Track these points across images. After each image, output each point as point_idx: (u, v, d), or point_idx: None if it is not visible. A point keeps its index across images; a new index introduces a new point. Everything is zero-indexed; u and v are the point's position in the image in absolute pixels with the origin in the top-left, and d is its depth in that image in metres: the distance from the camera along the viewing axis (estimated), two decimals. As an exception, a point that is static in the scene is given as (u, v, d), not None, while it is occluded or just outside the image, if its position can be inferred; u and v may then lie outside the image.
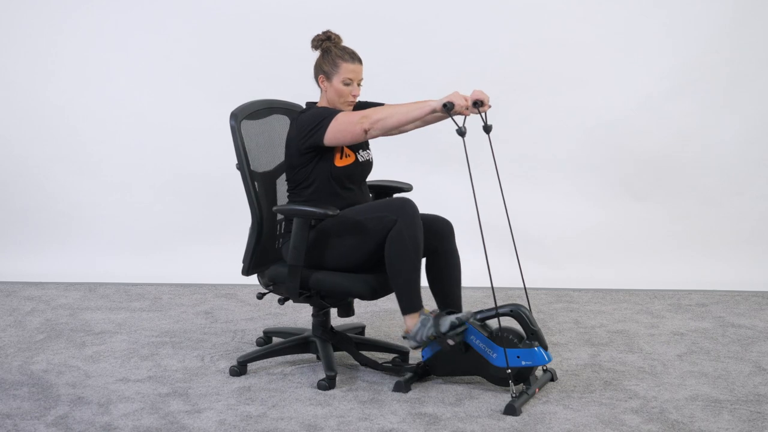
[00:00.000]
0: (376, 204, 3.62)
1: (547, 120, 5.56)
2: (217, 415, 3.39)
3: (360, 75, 3.68)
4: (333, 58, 3.66)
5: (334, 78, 3.66)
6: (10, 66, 5.62)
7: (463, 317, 3.50)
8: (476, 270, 4.15)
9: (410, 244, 3.48)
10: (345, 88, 3.66)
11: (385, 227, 3.51)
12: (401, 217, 3.49)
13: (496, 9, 5.47)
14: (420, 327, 3.52)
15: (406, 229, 3.48)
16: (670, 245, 5.52)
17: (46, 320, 4.62)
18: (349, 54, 3.67)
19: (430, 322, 3.50)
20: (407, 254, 3.49)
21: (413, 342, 3.55)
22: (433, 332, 3.49)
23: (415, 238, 3.49)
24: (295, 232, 3.58)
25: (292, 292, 3.66)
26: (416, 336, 3.53)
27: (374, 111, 3.53)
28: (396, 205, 3.53)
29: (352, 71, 3.65)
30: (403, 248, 3.48)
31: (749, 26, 5.43)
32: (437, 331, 3.49)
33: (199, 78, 5.57)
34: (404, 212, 3.50)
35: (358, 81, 3.68)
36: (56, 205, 5.68)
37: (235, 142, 3.69)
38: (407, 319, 3.56)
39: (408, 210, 3.51)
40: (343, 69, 3.65)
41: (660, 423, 3.32)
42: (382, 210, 3.54)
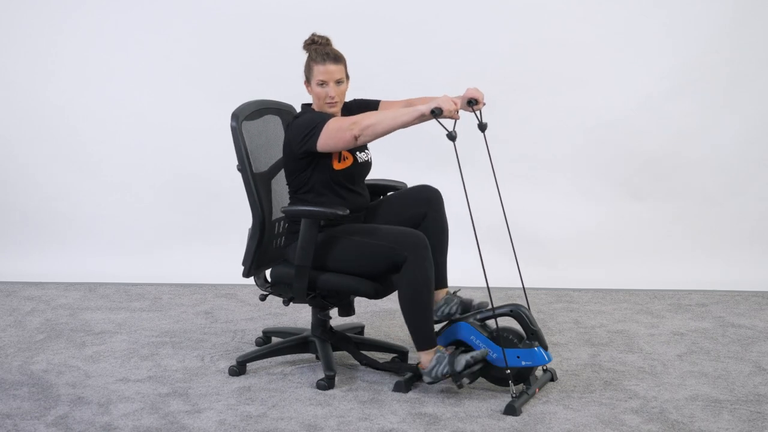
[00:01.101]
0: (389, 232, 3.57)
1: (547, 120, 5.55)
2: (217, 415, 3.39)
3: (335, 75, 3.63)
4: (308, 61, 3.67)
5: (312, 81, 3.65)
6: (10, 66, 5.62)
7: (478, 356, 3.49)
8: (474, 270, 4.15)
9: (422, 284, 3.49)
10: (321, 89, 3.64)
11: (394, 260, 3.51)
12: (412, 255, 3.48)
13: (496, 9, 5.47)
14: (435, 364, 3.53)
15: (418, 269, 3.48)
16: (670, 245, 5.52)
17: (46, 320, 4.62)
18: (322, 55, 3.63)
19: (446, 360, 3.51)
20: (419, 294, 3.50)
21: (428, 378, 3.56)
22: (448, 371, 3.50)
23: (427, 277, 3.50)
24: (303, 232, 3.57)
25: (300, 293, 3.65)
26: (431, 373, 3.54)
27: (364, 117, 3.52)
28: (409, 242, 3.50)
29: (323, 72, 3.62)
30: (415, 290, 3.49)
31: (749, 26, 5.43)
32: (452, 369, 3.50)
33: (199, 78, 5.57)
34: (416, 251, 3.49)
35: (334, 81, 3.63)
36: (56, 205, 5.68)
37: (237, 143, 3.68)
38: (422, 355, 3.57)
39: (420, 250, 3.49)
40: (315, 71, 3.63)
41: (660, 423, 3.32)
42: (395, 242, 3.51)
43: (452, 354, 3.52)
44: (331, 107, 3.67)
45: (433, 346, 3.55)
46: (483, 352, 3.50)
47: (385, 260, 3.52)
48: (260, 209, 3.72)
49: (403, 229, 3.57)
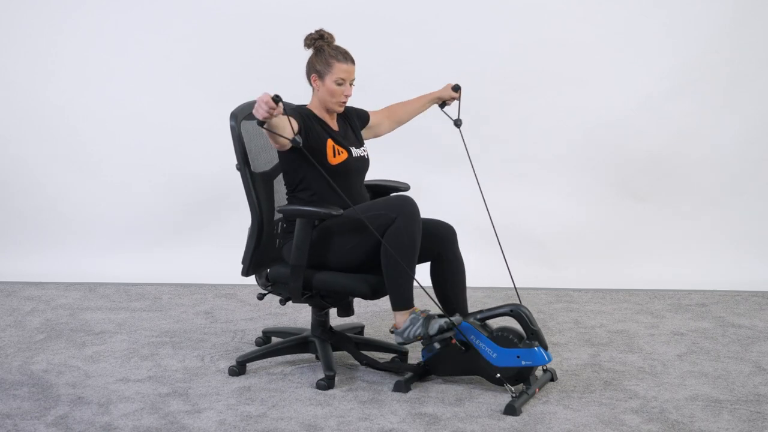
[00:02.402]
0: (376, 202, 3.62)
1: (547, 120, 5.56)
2: (217, 415, 3.39)
3: (353, 75, 3.69)
4: (326, 57, 3.66)
5: (327, 78, 3.66)
6: (10, 66, 5.62)
7: (454, 321, 3.51)
8: (474, 270, 4.15)
9: (407, 240, 3.48)
10: (338, 88, 3.66)
11: (384, 224, 3.50)
12: (400, 214, 3.49)
13: (496, 9, 5.47)
14: (409, 325, 3.53)
15: (405, 226, 3.48)
16: (670, 245, 5.52)
17: (46, 320, 4.62)
18: (342, 54, 3.67)
19: (420, 322, 3.52)
20: (403, 250, 3.49)
21: (400, 338, 3.57)
22: (421, 332, 3.51)
23: (413, 235, 3.49)
24: (298, 232, 3.58)
25: (295, 292, 3.65)
26: (404, 333, 3.55)
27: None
28: (396, 203, 3.53)
29: (345, 71, 3.66)
30: (399, 244, 3.48)
31: (749, 26, 5.44)
32: (425, 332, 3.50)
33: (199, 78, 5.57)
34: (404, 210, 3.50)
35: (350, 81, 3.68)
36: (56, 205, 5.68)
37: (235, 142, 3.69)
38: (397, 315, 3.57)
39: (407, 208, 3.51)
40: (336, 69, 3.65)
41: (660, 423, 3.32)
42: (382, 208, 3.54)
43: (427, 317, 3.52)
44: (341, 106, 3.71)
45: (409, 307, 3.55)
46: (457, 319, 3.51)
47: (377, 229, 3.51)
48: (258, 209, 3.72)
49: (391, 196, 3.59)
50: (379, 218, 3.52)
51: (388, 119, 4.01)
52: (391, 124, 4.03)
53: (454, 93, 3.96)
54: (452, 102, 4.00)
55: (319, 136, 3.66)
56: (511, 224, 5.42)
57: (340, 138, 3.73)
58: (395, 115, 4.02)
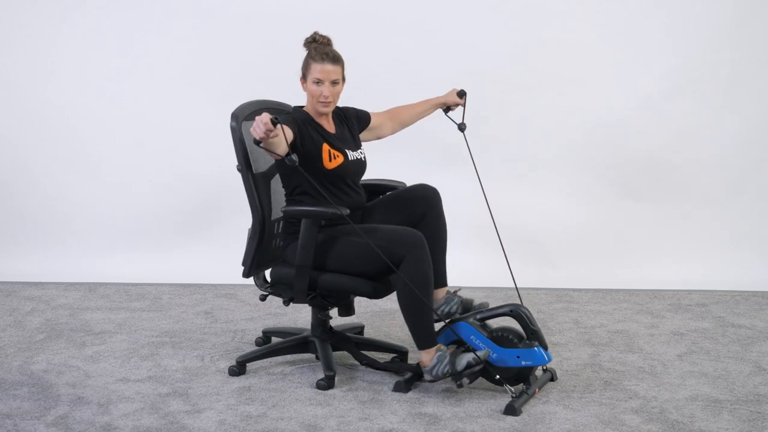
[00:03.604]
0: (386, 231, 3.56)
1: (547, 120, 5.56)
2: (217, 415, 3.39)
3: (331, 75, 3.63)
4: (307, 59, 3.67)
5: (308, 78, 3.66)
6: (10, 66, 5.62)
7: (480, 356, 3.49)
8: (474, 270, 4.15)
9: (420, 282, 3.48)
10: (315, 87, 3.64)
11: (391, 260, 3.49)
12: (409, 254, 3.48)
13: (496, 9, 5.47)
14: (437, 363, 3.53)
15: (415, 267, 3.47)
16: (670, 245, 5.52)
17: (46, 320, 4.62)
18: (321, 54, 3.63)
19: (447, 359, 3.51)
20: (418, 291, 3.48)
21: (429, 377, 3.56)
22: (449, 370, 3.50)
23: (425, 276, 3.49)
24: (303, 232, 3.57)
25: (300, 293, 3.65)
26: (432, 371, 3.54)
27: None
28: (406, 240, 3.50)
29: (320, 71, 3.62)
30: (412, 288, 3.48)
31: (749, 26, 5.44)
32: (453, 369, 3.50)
33: (199, 78, 5.57)
34: (413, 249, 3.48)
35: (330, 81, 3.63)
36: (56, 205, 5.68)
37: (236, 143, 3.68)
38: (423, 354, 3.57)
39: (416, 248, 3.48)
40: (312, 69, 3.63)
41: (660, 423, 3.32)
42: (392, 241, 3.50)
43: (453, 353, 3.52)
44: (324, 107, 3.68)
45: (433, 345, 3.55)
46: (485, 354, 3.49)
47: (382, 260, 3.51)
48: (260, 209, 3.72)
49: (400, 228, 3.56)
50: (387, 252, 3.49)
51: (391, 121, 3.99)
52: (394, 126, 4.01)
53: (458, 99, 3.95)
54: (457, 107, 4.00)
55: (315, 141, 3.65)
56: (511, 224, 5.41)
57: (336, 141, 3.72)
58: (399, 118, 4.01)
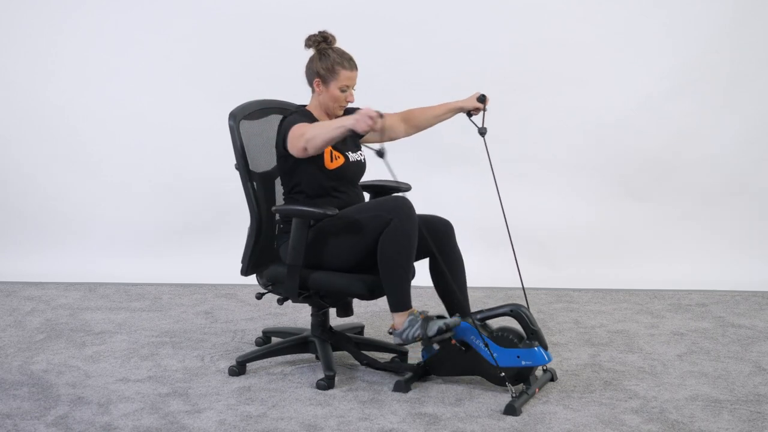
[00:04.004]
0: (372, 203, 3.64)
1: (547, 120, 5.55)
2: (217, 415, 3.39)
3: (355, 81, 3.71)
4: (331, 63, 3.66)
5: (331, 83, 3.66)
6: (10, 66, 5.62)
7: (451, 323, 3.50)
8: (474, 270, 4.15)
9: (404, 241, 3.49)
10: (341, 94, 3.68)
11: (380, 225, 3.51)
12: (396, 215, 3.50)
13: (496, 9, 5.47)
14: (408, 327, 3.53)
15: (401, 227, 3.49)
16: (670, 245, 5.52)
17: (46, 320, 4.62)
18: (348, 60, 3.68)
19: (418, 323, 3.51)
20: (400, 252, 3.49)
21: (398, 339, 3.57)
22: (420, 333, 3.50)
23: (409, 236, 3.50)
24: (294, 232, 3.59)
25: (291, 292, 3.66)
26: (402, 334, 3.54)
27: (309, 129, 3.54)
28: (392, 204, 3.54)
29: (349, 78, 3.67)
30: (396, 245, 3.49)
31: (749, 26, 5.43)
32: (424, 333, 3.50)
33: (199, 78, 5.57)
34: (399, 210, 3.51)
35: (353, 86, 3.71)
36: (56, 205, 5.68)
37: (234, 142, 3.70)
38: (396, 316, 3.58)
39: (403, 208, 3.51)
40: (341, 76, 3.66)
41: (660, 423, 3.32)
42: (378, 209, 3.55)
43: (426, 318, 3.52)
44: (341, 110, 3.73)
45: (407, 308, 3.55)
46: (455, 321, 3.51)
47: (373, 229, 3.52)
48: (257, 208, 3.73)
49: (386, 197, 3.60)
50: (375, 219, 3.53)
51: (405, 123, 3.93)
52: (408, 128, 3.95)
53: (478, 103, 3.87)
54: (478, 112, 3.92)
55: None
56: (511, 224, 5.39)
57: (338, 143, 3.73)
58: (414, 120, 3.94)
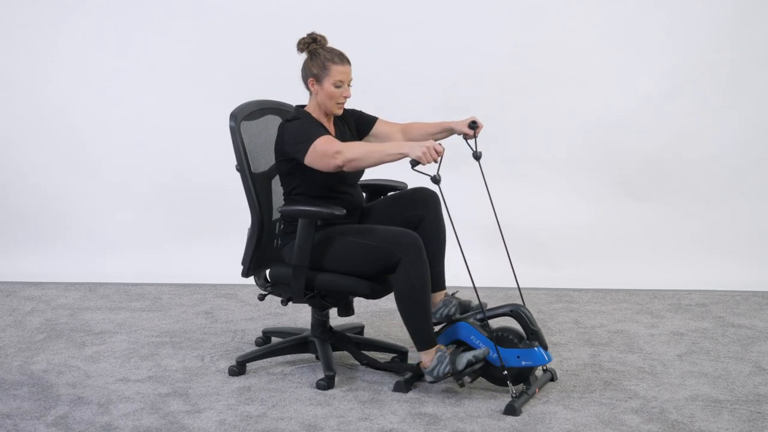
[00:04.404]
0: (383, 232, 3.57)
1: (547, 120, 5.56)
2: (217, 415, 3.39)
3: (350, 76, 3.68)
4: (322, 61, 3.65)
5: (325, 81, 3.66)
6: (10, 66, 5.62)
7: (480, 354, 3.49)
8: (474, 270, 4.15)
9: (417, 284, 3.49)
10: (336, 90, 3.66)
11: (388, 261, 3.51)
12: (406, 256, 3.48)
13: (496, 9, 5.47)
14: (437, 364, 3.53)
15: (412, 269, 3.48)
16: (670, 245, 5.52)
17: (46, 320, 4.62)
18: (338, 56, 3.66)
19: (447, 359, 3.51)
20: (415, 295, 3.49)
21: (430, 377, 3.55)
22: (450, 370, 3.50)
23: (422, 277, 3.49)
24: (300, 232, 3.58)
25: (297, 292, 3.65)
26: (433, 372, 3.54)
27: (350, 148, 3.50)
28: (403, 242, 3.50)
29: (342, 73, 3.65)
30: (410, 290, 3.49)
31: (749, 26, 5.44)
32: (454, 368, 3.49)
33: (199, 78, 5.57)
34: (410, 251, 3.48)
35: (348, 82, 3.69)
36: (56, 205, 5.68)
37: (235, 142, 3.69)
38: (423, 355, 3.57)
39: (413, 250, 3.49)
40: (333, 71, 3.64)
41: (660, 423, 3.32)
42: (389, 242, 3.52)
43: (453, 353, 3.52)
44: (340, 108, 3.71)
45: (433, 345, 3.55)
46: (484, 351, 3.49)
47: (379, 261, 3.53)
48: (258, 209, 3.73)
49: (398, 230, 3.57)
50: (384, 253, 3.51)
51: (402, 134, 3.89)
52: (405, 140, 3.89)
53: (468, 130, 3.78)
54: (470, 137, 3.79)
55: None
56: (511, 224, 5.39)
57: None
58: (411, 134, 3.89)
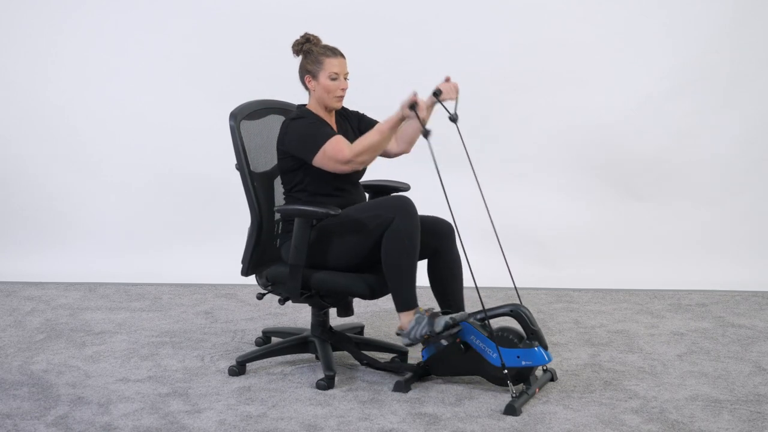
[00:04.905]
0: (374, 202, 3.65)
1: (547, 120, 5.56)
2: (217, 415, 3.39)
3: (345, 68, 3.71)
4: (315, 56, 3.68)
5: (320, 75, 3.67)
6: (10, 66, 5.62)
7: (458, 317, 3.51)
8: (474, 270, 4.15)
9: (407, 240, 3.50)
10: (332, 83, 3.68)
11: (382, 225, 3.52)
12: (398, 214, 3.51)
13: (496, 9, 5.47)
14: (414, 325, 3.53)
15: (403, 226, 3.50)
16: (670, 245, 5.52)
17: (46, 320, 4.62)
18: (331, 50, 3.70)
19: (425, 321, 3.51)
20: (404, 251, 3.50)
21: (407, 339, 3.56)
22: (428, 331, 3.50)
23: (412, 235, 3.51)
24: (296, 232, 3.59)
25: (293, 292, 3.66)
26: (410, 334, 3.54)
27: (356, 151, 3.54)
28: (393, 203, 3.55)
29: (336, 65, 3.68)
30: (399, 245, 3.50)
31: (749, 26, 5.44)
32: (431, 330, 3.50)
33: (199, 78, 5.57)
34: (401, 210, 3.52)
35: (344, 75, 3.71)
36: (56, 205, 5.68)
37: (235, 142, 3.70)
38: (402, 316, 3.58)
39: (405, 208, 3.52)
40: (327, 64, 3.67)
41: (660, 423, 3.32)
42: (380, 208, 3.56)
43: (432, 315, 3.52)
44: (339, 101, 3.72)
45: (413, 307, 3.55)
46: (462, 315, 3.52)
47: (375, 228, 3.53)
48: (258, 209, 3.73)
49: (388, 197, 3.63)
50: (377, 218, 3.54)
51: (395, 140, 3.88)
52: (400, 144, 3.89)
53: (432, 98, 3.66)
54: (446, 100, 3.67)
55: None
56: (511, 224, 5.40)
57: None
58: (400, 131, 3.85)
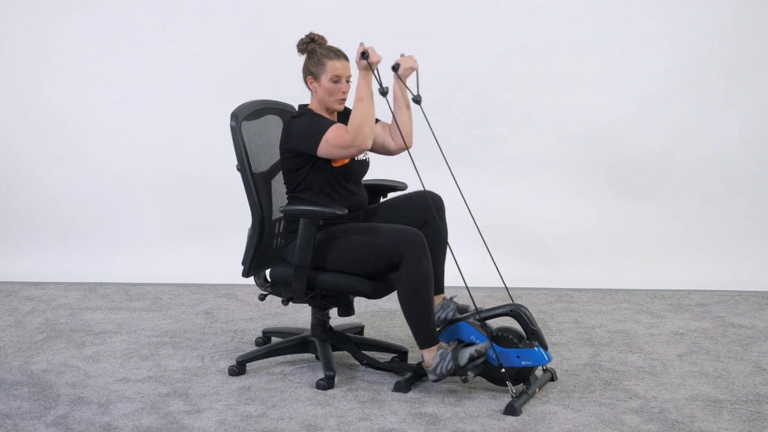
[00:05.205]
0: (387, 230, 3.58)
1: (547, 120, 5.56)
2: (217, 415, 3.39)
3: (348, 71, 3.70)
4: (319, 57, 3.67)
5: (322, 77, 3.67)
6: (10, 66, 5.62)
7: (481, 348, 3.49)
8: (474, 270, 4.15)
9: (421, 281, 3.49)
10: (334, 85, 3.68)
11: (392, 258, 3.51)
12: (410, 253, 3.49)
13: (496, 9, 5.47)
14: (439, 361, 3.52)
15: (415, 266, 3.49)
16: (670, 245, 5.52)
17: (46, 320, 4.62)
18: (334, 52, 3.69)
19: (449, 356, 3.51)
20: (419, 292, 3.49)
21: (433, 375, 3.55)
22: (453, 366, 3.50)
23: (425, 274, 3.50)
24: (301, 232, 3.58)
25: (299, 292, 3.65)
26: (436, 370, 3.53)
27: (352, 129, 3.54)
28: (407, 240, 3.51)
29: (339, 68, 3.67)
30: (414, 287, 3.49)
31: (749, 26, 5.44)
32: (456, 364, 3.49)
33: (199, 78, 5.57)
34: (414, 248, 3.49)
35: (346, 78, 3.70)
36: (56, 205, 5.68)
37: (236, 143, 3.69)
38: (425, 353, 3.57)
39: (417, 247, 3.50)
40: (329, 67, 3.66)
41: (660, 423, 3.32)
42: (393, 240, 3.52)
43: (455, 349, 3.52)
44: (340, 104, 3.72)
45: (435, 343, 3.55)
46: (485, 345, 3.50)
47: (383, 258, 3.53)
48: (259, 209, 3.73)
49: (401, 227, 3.58)
50: (388, 249, 3.52)
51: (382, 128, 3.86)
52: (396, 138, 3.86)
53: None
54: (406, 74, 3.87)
55: None
56: (511, 224, 5.42)
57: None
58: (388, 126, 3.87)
